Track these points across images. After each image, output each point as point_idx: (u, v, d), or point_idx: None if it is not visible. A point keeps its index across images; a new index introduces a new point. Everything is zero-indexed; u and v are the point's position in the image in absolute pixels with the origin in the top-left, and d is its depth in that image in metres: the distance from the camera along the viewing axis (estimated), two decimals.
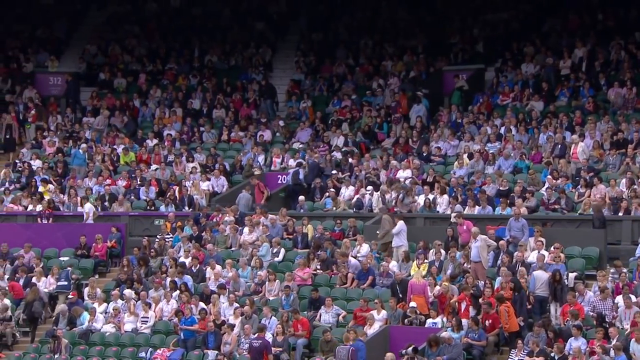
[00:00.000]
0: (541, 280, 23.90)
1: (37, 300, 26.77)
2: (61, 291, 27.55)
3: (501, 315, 23.15)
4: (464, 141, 30.88)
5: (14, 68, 37.37)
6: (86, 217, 29.74)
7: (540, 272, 24.08)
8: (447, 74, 34.58)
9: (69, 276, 27.61)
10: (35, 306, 26.67)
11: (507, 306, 23.15)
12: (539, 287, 23.86)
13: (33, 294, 26.88)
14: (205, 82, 36.15)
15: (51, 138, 34.10)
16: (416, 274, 25.05)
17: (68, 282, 27.47)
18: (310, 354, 24.49)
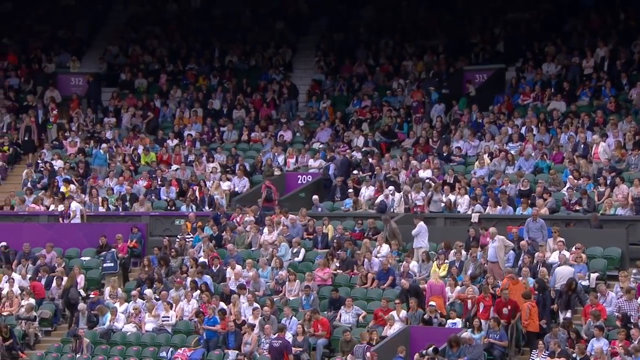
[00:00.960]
0: (562, 275, 23.78)
1: (73, 287, 27.15)
2: (108, 272, 27.84)
3: (523, 313, 23.06)
4: (484, 141, 30.79)
5: (35, 69, 37.59)
6: (72, 216, 29.79)
7: (564, 267, 23.97)
8: (467, 73, 34.51)
9: (114, 257, 27.94)
10: (72, 292, 27.10)
11: (532, 305, 23.05)
12: (559, 282, 23.74)
13: (70, 280, 27.27)
14: (226, 83, 36.23)
15: (72, 138, 34.27)
16: (434, 274, 25.00)
17: (114, 264, 27.81)
18: (330, 354, 24.50)
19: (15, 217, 30.89)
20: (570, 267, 24.17)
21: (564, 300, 23.50)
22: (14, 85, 36.95)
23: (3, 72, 37.36)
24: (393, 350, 23.41)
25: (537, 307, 23.20)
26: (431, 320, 23.95)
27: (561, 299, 23.52)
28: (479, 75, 34.18)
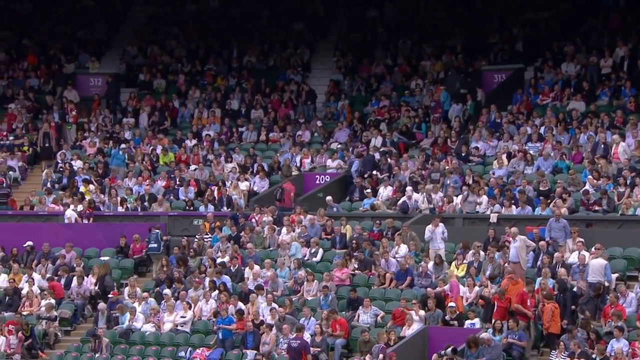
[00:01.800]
0: (594, 268, 23.67)
1: (107, 275, 27.42)
2: (153, 253, 28.13)
3: (545, 314, 22.97)
4: (502, 141, 30.69)
5: (55, 69, 37.76)
6: (68, 222, 29.92)
7: (598, 260, 23.87)
8: (486, 73, 34.41)
9: (159, 238, 28.16)
10: (107, 280, 27.41)
11: (554, 306, 22.96)
12: (592, 275, 23.61)
13: (104, 269, 27.53)
14: (244, 83, 36.27)
15: (92, 139, 34.40)
16: (450, 273, 24.95)
17: (158, 245, 28.08)
18: (348, 354, 24.48)
19: (35, 217, 31.05)
20: (603, 260, 24.03)
21: (590, 306, 23.28)
22: (34, 85, 37.14)
23: (23, 72, 37.54)
24: (411, 351, 23.38)
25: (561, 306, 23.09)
26: (452, 320, 23.91)
27: (587, 305, 23.31)
28: (498, 75, 34.08)
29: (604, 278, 23.72)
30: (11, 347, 25.85)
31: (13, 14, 39.88)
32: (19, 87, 36.75)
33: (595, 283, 23.60)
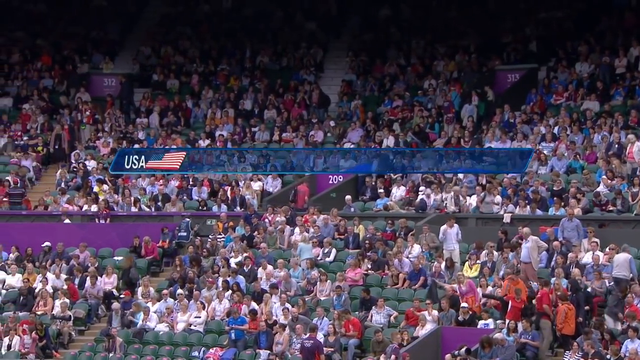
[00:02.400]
0: (619, 262, 23.58)
1: (132, 267, 27.69)
2: (181, 241, 28.37)
3: (558, 315, 22.91)
4: (516, 141, 30.62)
5: (69, 70, 37.87)
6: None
7: (622, 254, 23.78)
8: (499, 73, 34.34)
9: (189, 227, 28.31)
10: (132, 272, 27.71)
11: (568, 307, 22.89)
12: (618, 269, 23.52)
13: (129, 261, 27.70)
14: (257, 83, 36.30)
15: (105, 139, 34.48)
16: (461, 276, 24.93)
17: (187, 233, 28.21)
18: (361, 354, 24.48)
19: (49, 217, 31.16)
20: (627, 254, 23.92)
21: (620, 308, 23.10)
22: (48, 86, 37.25)
23: (37, 73, 37.66)
24: (425, 351, 23.37)
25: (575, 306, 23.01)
26: (466, 321, 23.89)
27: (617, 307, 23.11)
28: (511, 75, 34.00)
29: (629, 272, 23.61)
30: (25, 346, 25.95)
31: (27, 14, 40.01)
32: (33, 87, 36.87)
33: (622, 279, 23.48)
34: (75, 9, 40.17)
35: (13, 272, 28.51)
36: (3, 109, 36.20)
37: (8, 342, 26.12)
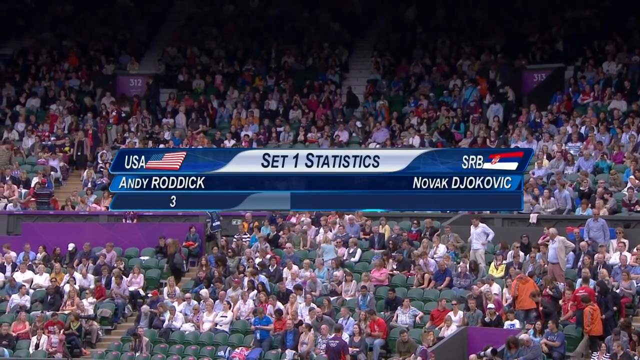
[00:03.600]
0: None
1: (177, 253, 27.93)
2: (216, 231, 28.83)
3: (585, 317, 22.79)
4: (542, 141, 30.47)
5: (96, 70, 38.10)
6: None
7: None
8: (525, 73, 34.18)
9: (219, 216, 28.53)
10: (177, 258, 27.95)
11: (592, 308, 22.75)
12: None
13: (174, 246, 27.99)
14: (282, 83, 36.35)
15: (131, 139, 34.64)
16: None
17: (220, 222, 28.65)
18: (387, 354, 24.45)
19: (76, 216, 31.37)
20: None
21: None
22: (75, 86, 37.49)
23: (64, 73, 37.92)
24: (450, 351, 23.30)
25: (600, 309, 22.87)
26: (492, 322, 23.80)
27: None
28: (538, 75, 33.84)
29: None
30: (53, 345, 26.13)
31: (54, 16, 40.31)
32: (60, 88, 37.13)
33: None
34: (102, 10, 40.41)
35: (41, 271, 28.72)
36: (31, 110, 36.46)
37: (36, 342, 26.31)
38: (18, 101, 36.77)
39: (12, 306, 27.61)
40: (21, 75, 37.83)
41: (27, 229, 30.27)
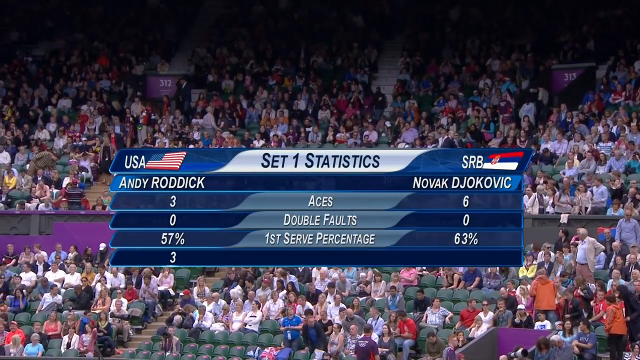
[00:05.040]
0: None
1: None
2: None
3: (607, 315, 22.65)
4: (573, 141, 30.27)
5: (126, 71, 38.32)
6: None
7: None
8: (556, 72, 33.98)
9: None
10: None
11: (616, 307, 22.61)
12: None
13: None
14: (311, 83, 36.38)
15: (161, 139, 34.80)
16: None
17: None
18: (416, 355, 24.40)
19: (107, 216, 31.50)
20: None
21: None
22: (105, 87, 37.74)
23: (95, 74, 38.18)
24: (480, 352, 23.21)
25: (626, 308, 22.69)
26: (522, 323, 23.68)
27: None
28: (568, 74, 33.62)
29: None
30: (84, 345, 26.31)
31: (85, 17, 40.60)
32: (91, 88, 37.38)
33: None
34: (132, 10, 40.64)
35: (72, 271, 28.93)
36: (62, 110, 36.74)
37: (67, 341, 26.51)
38: (50, 102, 37.07)
39: (44, 306, 27.84)
40: (53, 76, 38.14)
41: (58, 229, 30.50)
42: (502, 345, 23.39)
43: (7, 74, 38.24)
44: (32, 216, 31.28)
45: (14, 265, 29.77)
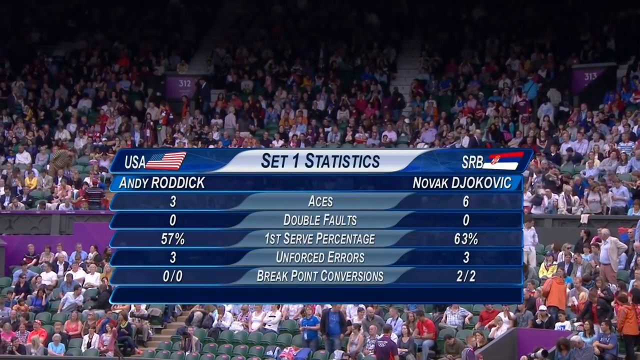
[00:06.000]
0: None
1: None
2: None
3: (618, 316, 22.55)
4: (593, 141, 30.13)
5: (146, 71, 38.45)
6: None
7: None
8: (576, 72, 33.83)
9: None
10: None
11: (628, 308, 22.51)
12: None
13: None
14: (330, 84, 36.38)
15: (180, 140, 34.90)
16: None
17: None
18: (436, 355, 24.34)
19: None
20: None
21: None
22: (125, 88, 37.88)
23: (115, 75, 38.34)
24: (500, 352, 23.13)
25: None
26: (543, 324, 23.59)
27: None
28: (589, 74, 33.46)
29: None
30: (104, 344, 26.42)
31: (105, 18, 40.78)
32: (111, 89, 37.54)
33: None
34: (152, 11, 40.78)
35: (92, 271, 29.06)
36: (82, 111, 36.91)
37: (88, 340, 26.62)
38: (70, 102, 37.25)
39: (65, 305, 27.97)
40: (73, 76, 38.32)
41: (78, 229, 30.64)
42: (522, 346, 23.31)
43: (28, 75, 38.46)
44: (52, 216, 31.45)
45: (34, 265, 29.93)
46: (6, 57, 39.05)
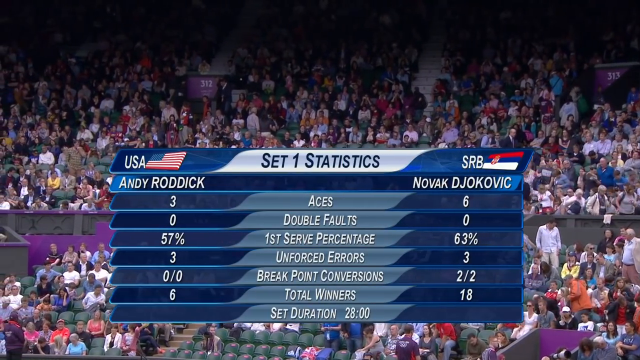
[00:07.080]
0: None
1: None
2: None
3: (635, 315, 22.41)
4: (616, 140, 29.95)
5: (167, 72, 38.59)
6: None
7: None
8: (599, 71, 33.65)
9: None
10: None
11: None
12: None
13: None
14: (351, 84, 36.37)
15: (202, 140, 35.00)
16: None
17: None
18: (457, 355, 24.28)
19: None
20: None
21: None
22: (147, 88, 38.03)
23: (137, 75, 38.49)
24: (522, 353, 23.05)
25: None
26: (566, 325, 23.48)
27: None
28: (612, 73, 33.27)
29: None
30: (127, 344, 26.53)
31: (128, 18, 40.96)
32: (133, 89, 37.70)
33: None
34: (174, 12, 40.91)
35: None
36: (105, 111, 37.09)
37: (110, 340, 26.75)
38: (92, 102, 37.45)
39: (88, 305, 28.11)
40: (95, 77, 38.52)
41: (101, 229, 30.77)
42: (544, 347, 23.21)
43: (51, 75, 38.70)
44: (75, 216, 31.61)
45: (57, 265, 30.11)
46: (29, 58, 39.31)
